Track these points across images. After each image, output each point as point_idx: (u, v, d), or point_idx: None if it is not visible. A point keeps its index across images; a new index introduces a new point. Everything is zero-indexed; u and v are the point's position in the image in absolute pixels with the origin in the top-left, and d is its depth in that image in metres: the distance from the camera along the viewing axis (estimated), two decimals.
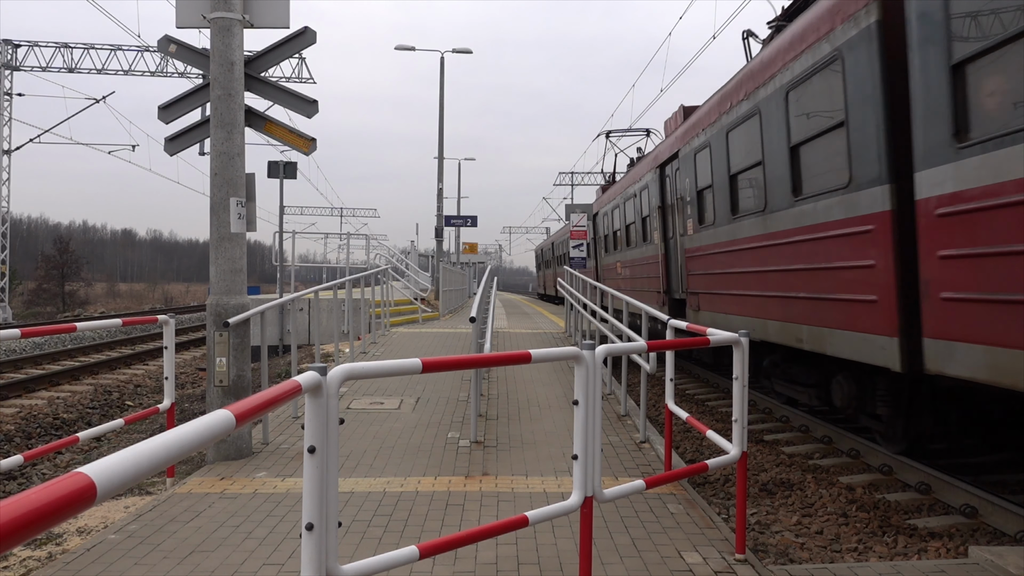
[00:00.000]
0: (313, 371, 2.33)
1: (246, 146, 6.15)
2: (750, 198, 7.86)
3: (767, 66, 7.14)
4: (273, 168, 19.02)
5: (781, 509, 5.84)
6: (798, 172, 6.59)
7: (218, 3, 5.86)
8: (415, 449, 6.05)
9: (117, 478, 1.32)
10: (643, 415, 6.51)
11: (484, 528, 2.90)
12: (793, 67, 6.49)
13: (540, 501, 4.74)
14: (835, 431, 7.53)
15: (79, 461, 8.48)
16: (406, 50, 27.32)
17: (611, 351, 3.42)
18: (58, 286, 48.50)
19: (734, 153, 8.19)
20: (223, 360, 5.88)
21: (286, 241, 22.13)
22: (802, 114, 6.41)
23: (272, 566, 3.74)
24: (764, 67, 7.23)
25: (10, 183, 28.40)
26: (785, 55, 6.69)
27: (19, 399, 11.64)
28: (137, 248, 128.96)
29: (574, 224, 23.46)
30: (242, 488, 5.06)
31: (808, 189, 6.35)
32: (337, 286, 9.80)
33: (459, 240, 38.96)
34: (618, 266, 16.15)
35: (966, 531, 5.11)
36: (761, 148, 7.28)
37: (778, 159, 6.89)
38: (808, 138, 6.32)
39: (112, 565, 3.75)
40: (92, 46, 27.13)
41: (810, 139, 6.30)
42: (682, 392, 11.19)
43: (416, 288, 24.68)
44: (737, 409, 3.93)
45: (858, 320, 5.55)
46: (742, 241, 8.00)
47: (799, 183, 6.52)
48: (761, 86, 7.25)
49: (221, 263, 5.96)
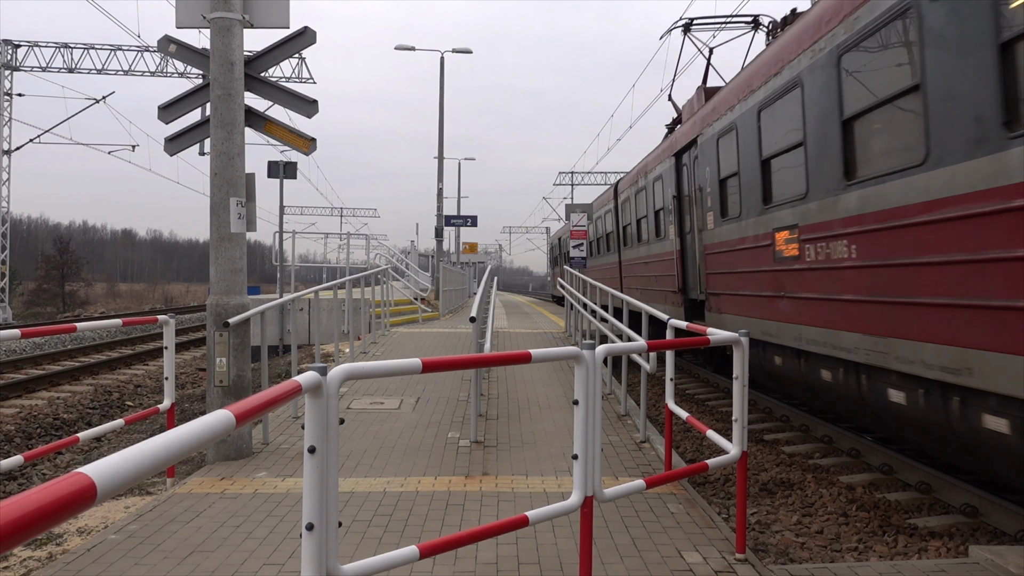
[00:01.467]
0: (313, 371, 2.33)
1: (246, 146, 6.15)
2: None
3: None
4: (273, 168, 19.03)
5: (781, 509, 5.84)
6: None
7: (218, 3, 5.86)
8: (415, 449, 6.05)
9: (117, 478, 1.32)
10: (643, 415, 6.51)
11: (484, 528, 2.90)
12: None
13: (540, 501, 4.74)
14: (835, 431, 7.52)
15: (79, 461, 8.48)
16: (406, 50, 27.32)
17: (611, 351, 3.42)
18: (58, 286, 48.50)
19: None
20: (223, 360, 5.88)
21: (286, 241, 22.15)
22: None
23: (272, 566, 3.74)
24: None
25: (10, 183, 28.41)
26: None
27: (19, 399, 11.63)
28: (137, 248, 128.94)
29: (574, 224, 23.37)
30: (242, 488, 5.06)
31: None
32: (337, 286, 9.80)
33: (459, 240, 38.98)
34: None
35: (966, 530, 5.11)
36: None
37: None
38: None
39: (112, 565, 3.75)
40: (92, 46, 27.13)
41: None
42: (682, 392, 11.19)
43: (416, 288, 24.68)
44: (737, 409, 3.93)
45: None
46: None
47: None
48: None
49: (221, 263, 5.96)
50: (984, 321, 4.10)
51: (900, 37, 4.93)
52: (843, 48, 5.62)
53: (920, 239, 4.68)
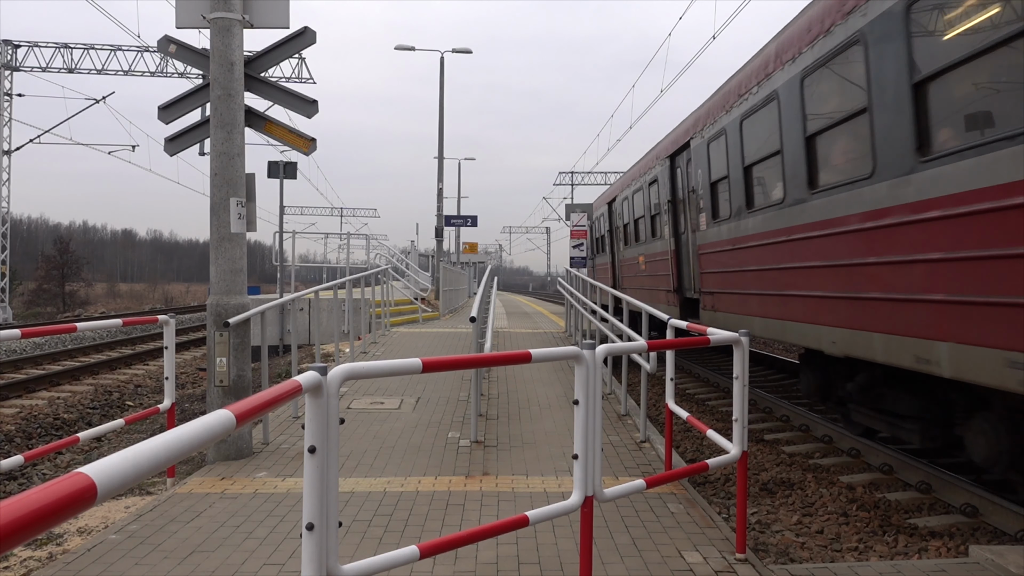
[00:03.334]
0: (313, 371, 2.33)
1: (246, 146, 6.15)
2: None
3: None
4: (273, 168, 19.04)
5: (781, 508, 5.84)
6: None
7: (218, 3, 5.86)
8: (415, 449, 6.05)
9: (117, 478, 1.32)
10: (643, 414, 6.51)
11: (484, 528, 2.90)
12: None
13: (540, 501, 4.74)
14: (835, 430, 7.52)
15: (79, 461, 8.48)
16: (406, 50, 27.32)
17: (611, 351, 3.42)
18: (58, 286, 48.47)
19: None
20: (223, 360, 5.88)
21: (286, 241, 22.16)
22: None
23: (273, 566, 3.74)
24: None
25: (10, 183, 28.40)
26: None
27: (19, 399, 11.64)
28: (137, 248, 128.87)
29: (574, 224, 23.24)
30: (242, 488, 5.06)
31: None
32: (337, 286, 9.80)
33: (459, 240, 38.98)
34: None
35: (967, 530, 5.11)
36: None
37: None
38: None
39: (112, 565, 3.75)
40: (92, 46, 27.13)
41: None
42: (682, 391, 11.19)
43: (416, 288, 24.68)
44: (737, 408, 3.93)
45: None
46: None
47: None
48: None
49: (221, 263, 5.96)
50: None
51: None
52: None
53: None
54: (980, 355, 4.09)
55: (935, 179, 4.46)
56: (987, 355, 4.04)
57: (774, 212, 6.93)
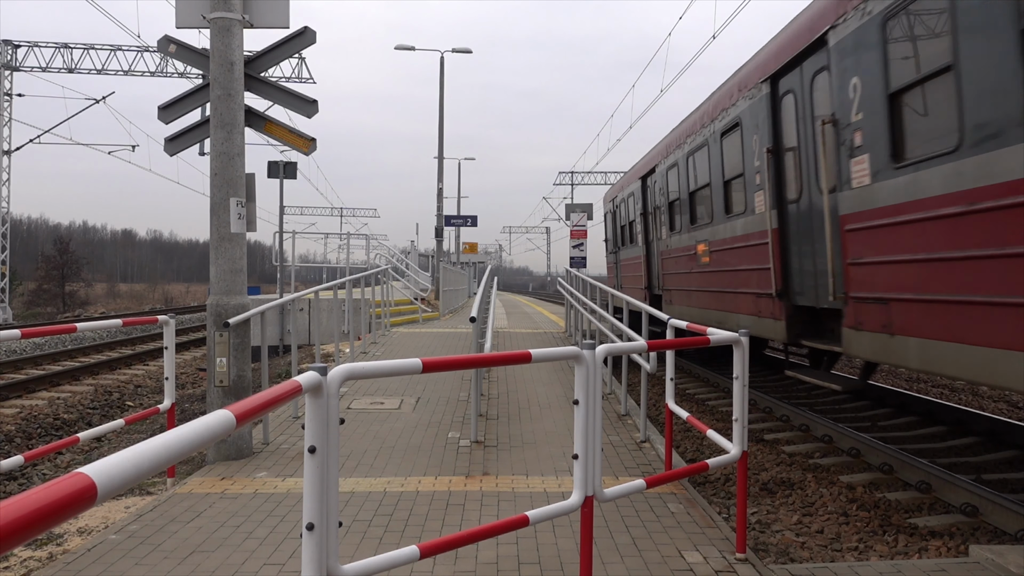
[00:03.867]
0: (313, 371, 2.33)
1: (246, 146, 6.15)
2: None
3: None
4: (273, 168, 19.04)
5: (782, 508, 5.84)
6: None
7: (218, 3, 5.86)
8: (415, 449, 6.05)
9: (118, 478, 1.32)
10: (643, 414, 6.51)
11: (485, 528, 2.90)
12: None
13: (540, 501, 4.74)
14: (835, 430, 7.52)
15: (79, 461, 8.47)
16: (406, 50, 27.33)
17: (611, 351, 3.42)
18: (58, 286, 48.47)
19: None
20: (223, 360, 5.88)
21: (286, 241, 22.15)
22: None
23: (273, 566, 3.74)
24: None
25: (10, 184, 28.42)
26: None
27: (19, 399, 11.63)
28: (137, 248, 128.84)
29: (574, 224, 23.23)
30: (243, 488, 5.06)
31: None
32: (337, 286, 9.80)
33: (459, 240, 38.98)
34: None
35: (967, 530, 5.11)
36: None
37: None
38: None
39: (113, 565, 3.75)
40: (92, 46, 27.14)
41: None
42: (682, 391, 11.19)
43: (416, 288, 24.69)
44: (737, 408, 3.93)
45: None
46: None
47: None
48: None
49: (221, 263, 5.96)
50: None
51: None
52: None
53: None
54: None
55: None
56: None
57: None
